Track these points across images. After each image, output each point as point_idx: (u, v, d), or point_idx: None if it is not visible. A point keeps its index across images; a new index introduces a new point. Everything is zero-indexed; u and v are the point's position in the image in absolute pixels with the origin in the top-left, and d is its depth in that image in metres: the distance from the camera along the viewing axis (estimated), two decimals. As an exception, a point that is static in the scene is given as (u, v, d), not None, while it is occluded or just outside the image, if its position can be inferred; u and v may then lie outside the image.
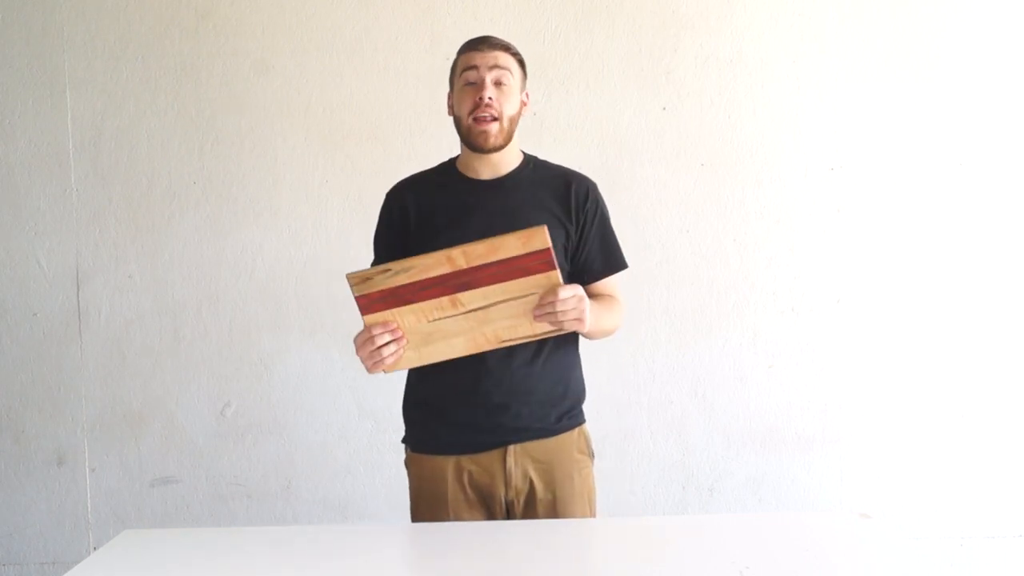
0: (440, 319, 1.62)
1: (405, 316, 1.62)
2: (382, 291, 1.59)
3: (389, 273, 1.58)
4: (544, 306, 1.59)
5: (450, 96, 1.83)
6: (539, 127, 2.69)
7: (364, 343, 1.63)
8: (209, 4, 2.72)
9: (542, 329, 1.65)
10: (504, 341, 1.66)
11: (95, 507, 2.79)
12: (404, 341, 1.63)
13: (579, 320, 1.63)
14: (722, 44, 2.73)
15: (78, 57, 2.73)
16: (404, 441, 1.90)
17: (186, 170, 2.75)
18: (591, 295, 1.83)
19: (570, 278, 1.81)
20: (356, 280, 1.58)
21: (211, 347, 2.77)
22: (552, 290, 1.59)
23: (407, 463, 1.89)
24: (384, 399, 2.74)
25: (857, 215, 2.76)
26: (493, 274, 1.57)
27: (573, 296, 1.61)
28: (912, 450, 2.77)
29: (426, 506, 1.82)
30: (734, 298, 2.77)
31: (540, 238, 1.54)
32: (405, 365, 1.70)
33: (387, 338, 1.62)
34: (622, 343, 2.72)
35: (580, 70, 2.73)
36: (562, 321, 1.62)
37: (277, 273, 2.76)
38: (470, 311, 1.61)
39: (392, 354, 1.63)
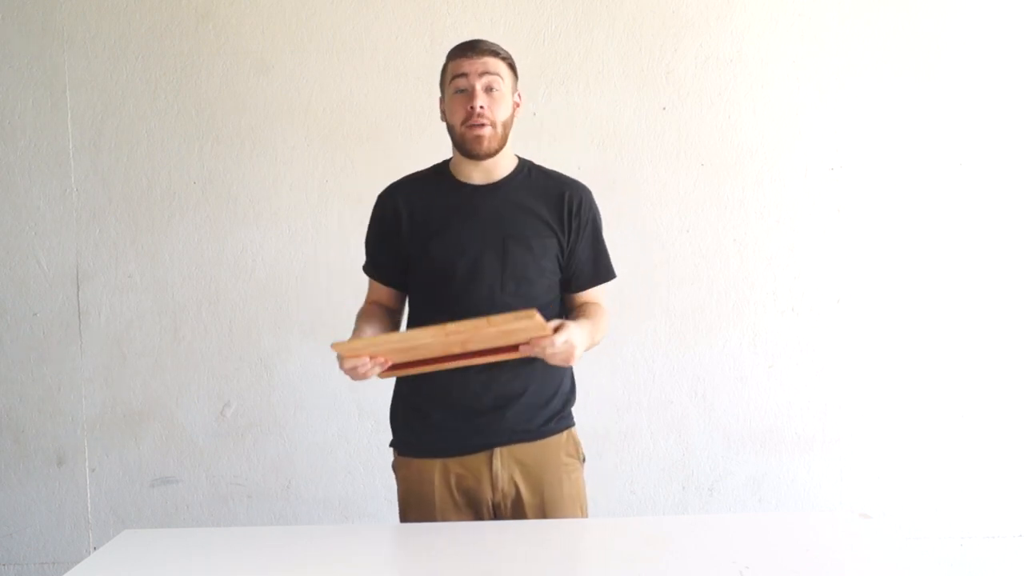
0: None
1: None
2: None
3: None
4: (534, 347, 1.62)
5: (442, 102, 1.82)
6: (539, 127, 2.69)
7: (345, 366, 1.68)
8: (209, 4, 2.72)
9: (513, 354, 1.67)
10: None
11: (95, 507, 2.79)
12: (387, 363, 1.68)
13: (565, 361, 1.68)
14: (722, 44, 2.73)
15: (78, 57, 2.73)
16: (391, 445, 1.91)
17: (186, 170, 2.75)
18: (577, 304, 1.83)
19: (559, 286, 1.82)
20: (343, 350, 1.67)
21: (211, 347, 2.77)
22: (544, 333, 1.60)
23: (395, 467, 1.89)
24: (384, 399, 2.71)
25: (857, 215, 2.75)
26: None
27: (565, 342, 1.63)
28: (912, 450, 2.77)
29: (414, 510, 1.82)
30: (734, 298, 2.77)
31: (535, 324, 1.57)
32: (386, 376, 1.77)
33: (371, 367, 1.67)
34: (622, 343, 2.72)
35: (580, 70, 2.73)
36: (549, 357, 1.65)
37: (277, 273, 2.76)
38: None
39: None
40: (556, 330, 1.63)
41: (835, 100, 2.74)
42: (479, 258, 1.75)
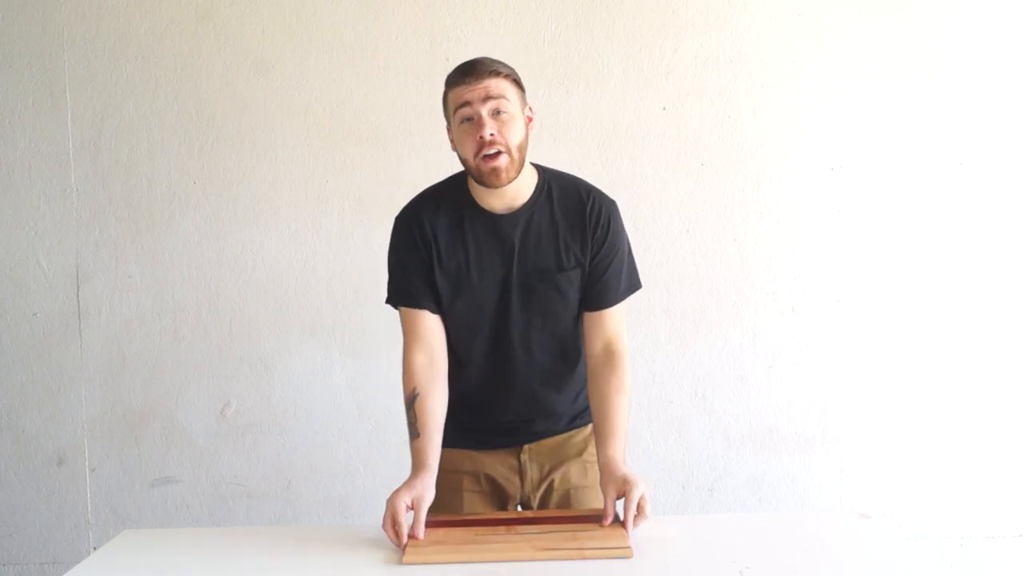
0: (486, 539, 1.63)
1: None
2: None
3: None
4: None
5: (449, 131, 1.72)
6: (539, 127, 2.64)
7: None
8: (209, 4, 2.72)
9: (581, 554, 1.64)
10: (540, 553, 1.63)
11: (95, 507, 2.79)
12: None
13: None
14: (722, 44, 2.73)
15: (78, 57, 2.73)
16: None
17: (186, 170, 2.75)
18: (595, 325, 1.78)
19: (579, 304, 1.79)
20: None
21: (211, 347, 2.77)
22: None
23: None
24: (384, 399, 2.74)
25: (857, 215, 2.75)
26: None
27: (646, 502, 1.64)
28: (912, 450, 2.77)
29: (441, 495, 1.77)
30: (734, 298, 2.77)
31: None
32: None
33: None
34: (622, 343, 2.71)
35: (580, 70, 2.73)
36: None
37: (277, 273, 2.76)
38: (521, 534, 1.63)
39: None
40: (628, 501, 1.64)
41: (835, 100, 2.74)
42: (507, 297, 1.73)
